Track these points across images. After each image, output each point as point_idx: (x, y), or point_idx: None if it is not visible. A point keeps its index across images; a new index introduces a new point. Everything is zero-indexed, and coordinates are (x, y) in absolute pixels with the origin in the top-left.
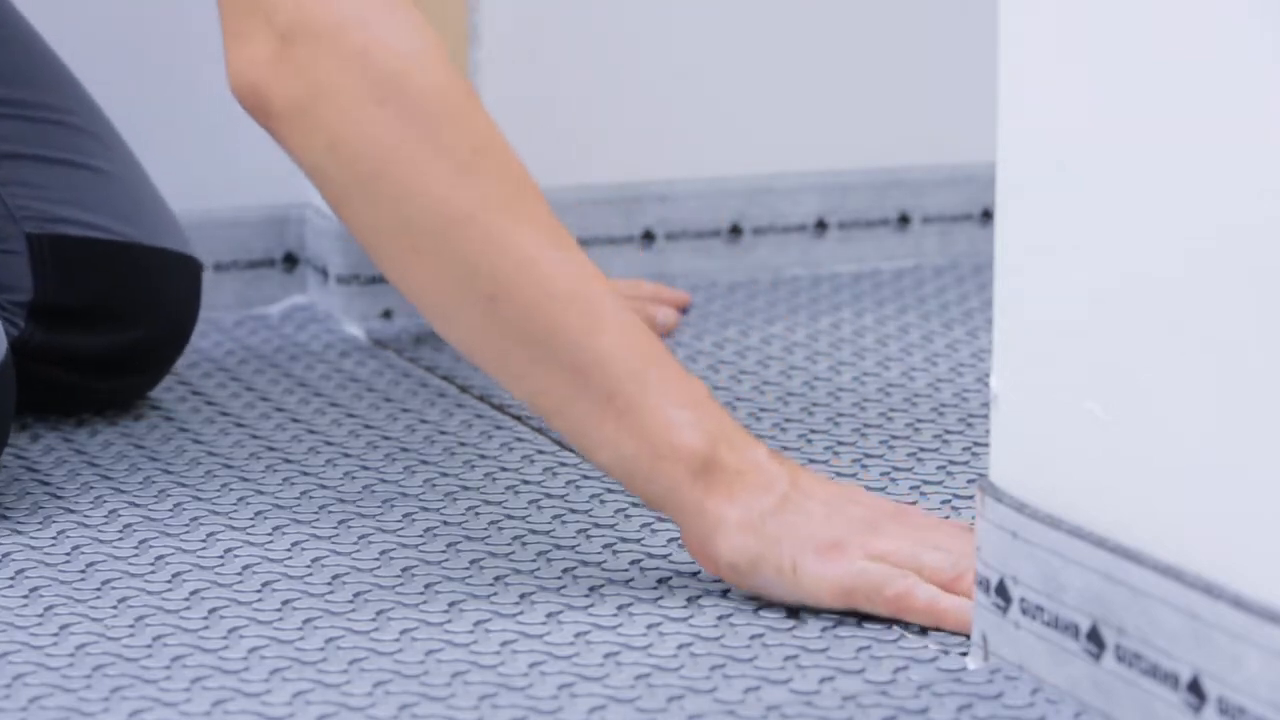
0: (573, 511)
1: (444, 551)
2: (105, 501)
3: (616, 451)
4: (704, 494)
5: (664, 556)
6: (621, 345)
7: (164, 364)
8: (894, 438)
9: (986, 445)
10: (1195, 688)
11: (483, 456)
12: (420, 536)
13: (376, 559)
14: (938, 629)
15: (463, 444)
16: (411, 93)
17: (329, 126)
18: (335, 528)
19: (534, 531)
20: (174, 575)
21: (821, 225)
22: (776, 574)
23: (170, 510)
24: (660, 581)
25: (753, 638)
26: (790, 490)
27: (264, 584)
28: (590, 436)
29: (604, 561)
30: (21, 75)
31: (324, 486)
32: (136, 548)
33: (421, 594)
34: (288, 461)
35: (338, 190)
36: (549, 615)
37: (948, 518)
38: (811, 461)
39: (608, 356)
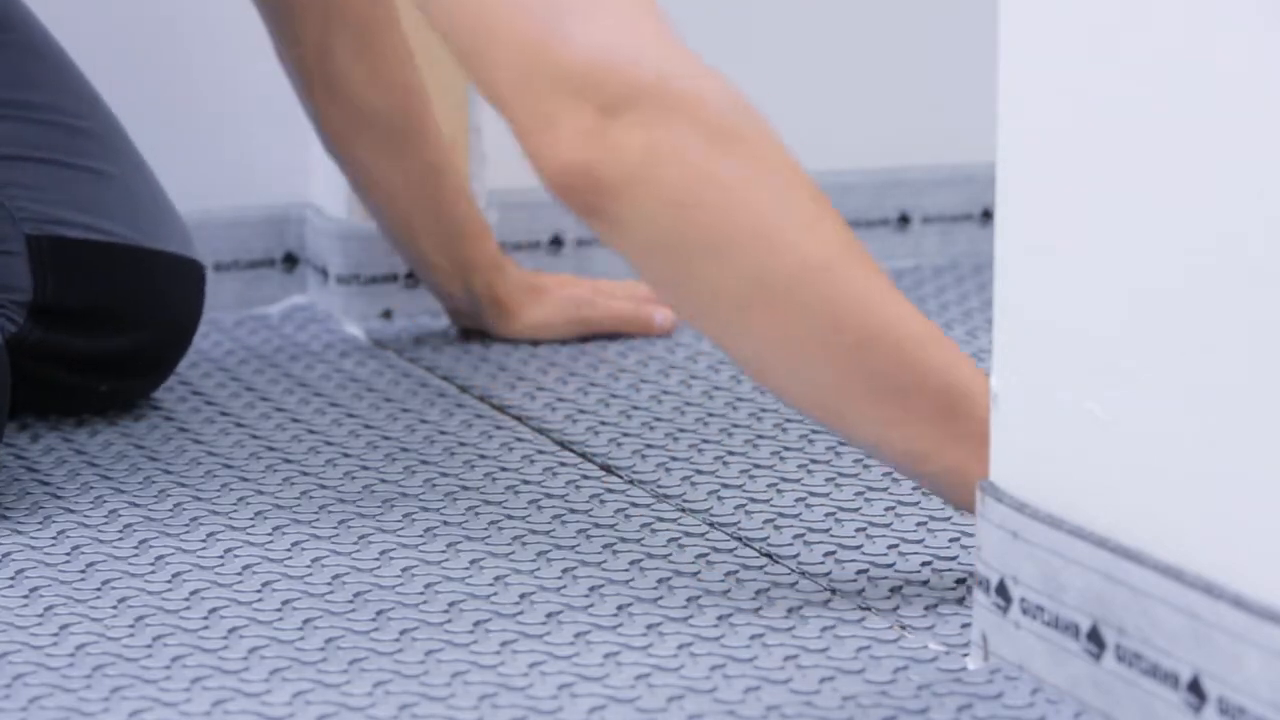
0: (573, 511)
1: (444, 551)
2: (105, 501)
3: (964, 472)
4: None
5: (664, 557)
6: (976, 374)
7: (165, 367)
8: None
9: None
10: (1195, 688)
11: (483, 456)
12: (420, 536)
13: (376, 559)
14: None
15: (463, 444)
16: (750, 139)
17: (674, 186)
18: (335, 528)
19: (534, 531)
20: (174, 575)
21: None
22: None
23: (170, 510)
24: (660, 581)
25: (753, 638)
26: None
27: (264, 584)
28: (968, 472)
29: (604, 561)
30: (28, 79)
31: (324, 486)
32: (136, 548)
33: (421, 594)
34: (288, 461)
35: (681, 256)
36: (549, 615)
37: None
38: (813, 462)
39: (976, 387)
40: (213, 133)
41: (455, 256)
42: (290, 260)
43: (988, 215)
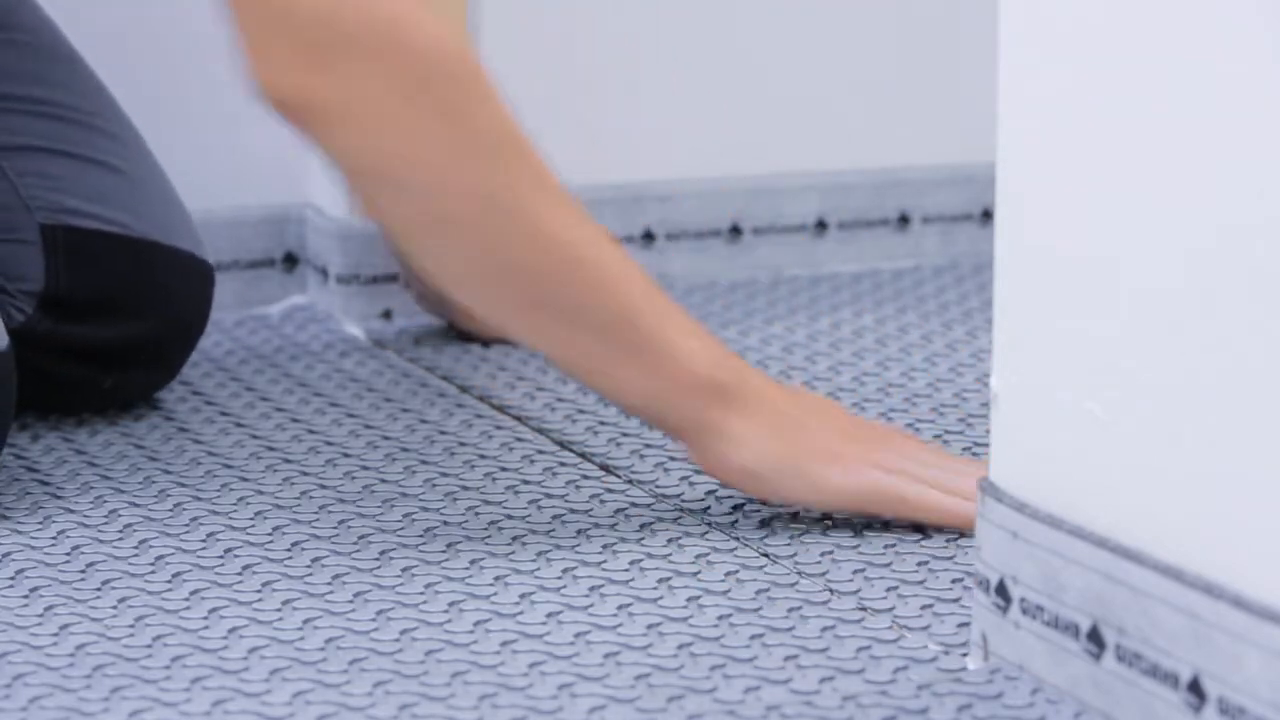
0: (572, 511)
1: (444, 551)
2: (105, 501)
3: (644, 393)
4: (723, 415)
5: (664, 557)
6: (642, 300)
7: (170, 362)
8: None
9: (986, 445)
10: (1195, 688)
11: (483, 456)
12: (420, 536)
13: (376, 559)
14: (952, 532)
15: (463, 444)
16: (438, 88)
17: (364, 127)
18: (335, 528)
19: (534, 531)
20: (174, 575)
21: (821, 225)
22: (795, 478)
23: (170, 510)
24: (660, 581)
25: (753, 638)
26: (792, 409)
27: (264, 584)
28: (622, 386)
29: (604, 561)
30: (42, 76)
31: (324, 486)
32: (136, 548)
33: (421, 594)
34: (288, 461)
35: (372, 187)
36: (549, 615)
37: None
38: None
39: (634, 313)
40: (213, 133)
41: None
42: (290, 260)
43: (988, 215)
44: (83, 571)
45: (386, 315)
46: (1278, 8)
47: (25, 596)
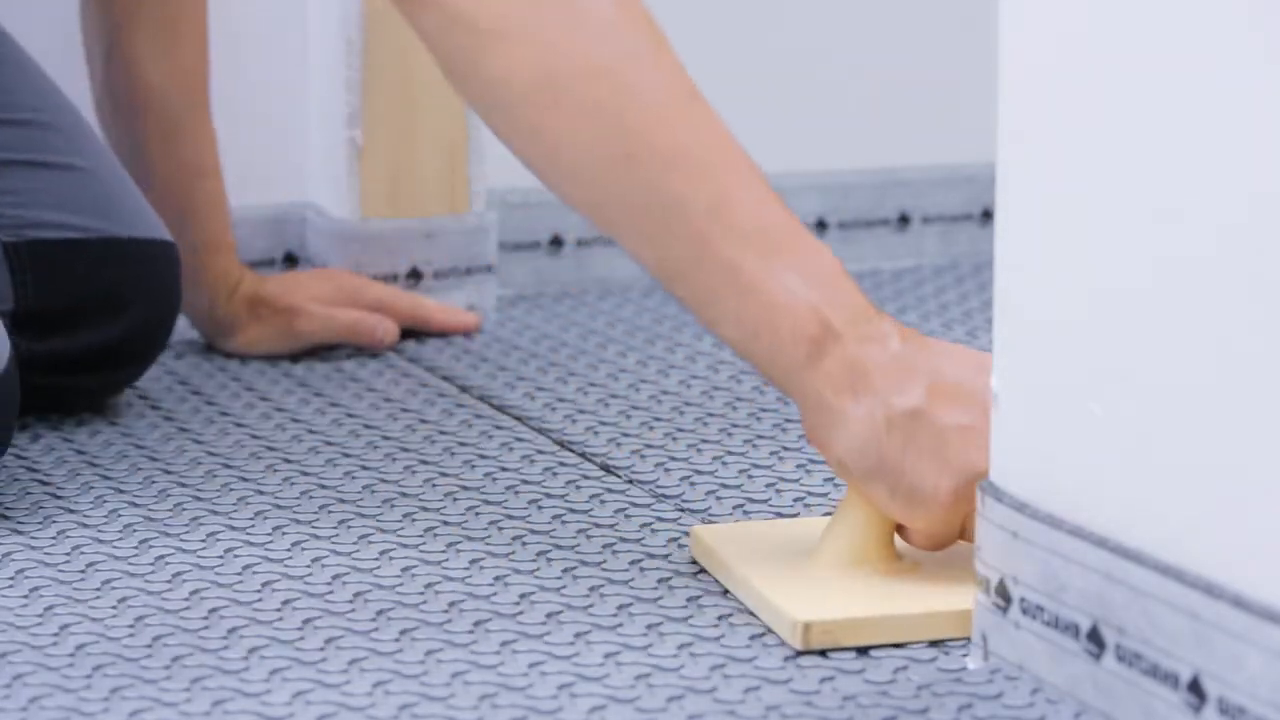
0: (573, 511)
1: (444, 551)
2: (105, 501)
3: (738, 328)
4: (824, 384)
5: (664, 557)
6: (753, 215)
7: (153, 351)
8: None
9: None
10: (1195, 688)
11: (483, 456)
12: (420, 536)
13: (376, 559)
14: None
15: (462, 444)
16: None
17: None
18: (335, 528)
19: (534, 531)
20: (174, 575)
21: (821, 225)
22: (889, 495)
23: (170, 510)
24: (660, 581)
25: (752, 638)
26: (921, 404)
27: (264, 584)
28: (712, 308)
29: (604, 561)
30: None
31: (324, 486)
32: (137, 548)
33: (421, 594)
34: (288, 461)
35: (474, 46)
36: (549, 615)
37: None
38: (811, 462)
39: (737, 226)
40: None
41: (190, 263)
42: (290, 260)
43: (988, 215)
44: (83, 571)
45: None
46: (1276, 9)
47: (25, 596)
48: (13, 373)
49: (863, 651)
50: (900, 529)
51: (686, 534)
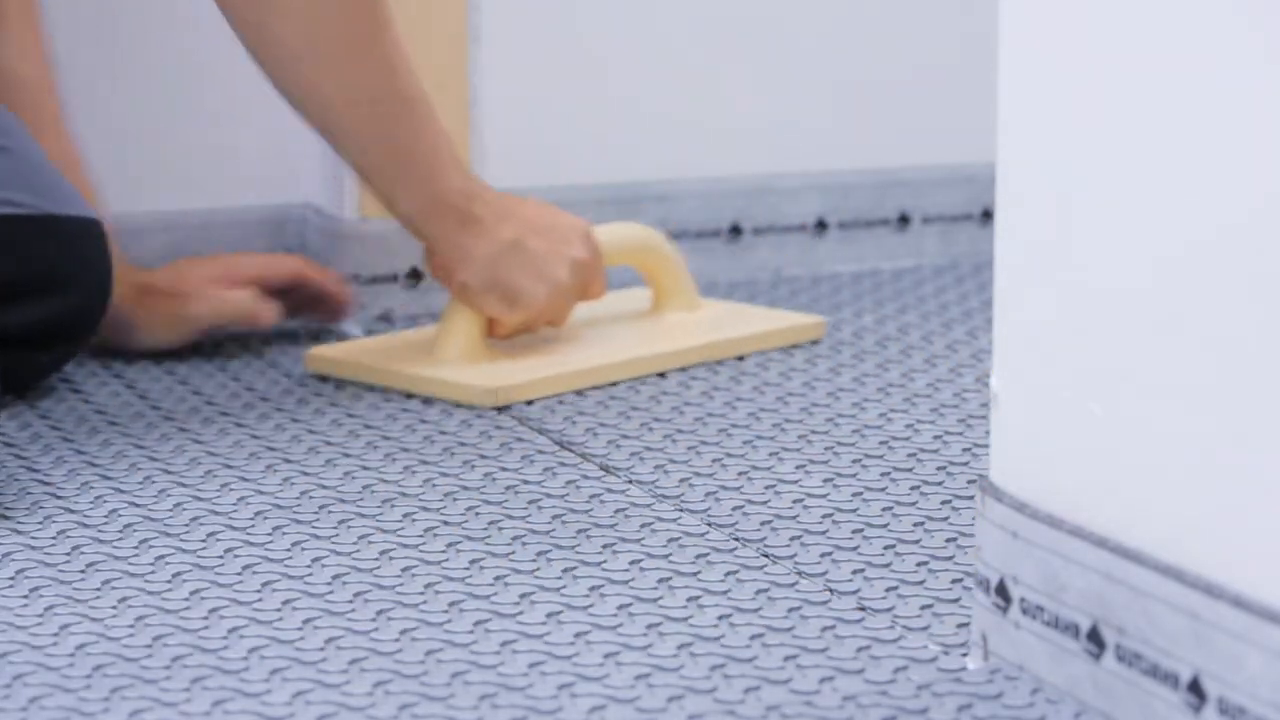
0: (572, 511)
1: (444, 551)
2: (105, 501)
3: (413, 207)
4: (463, 236)
5: (664, 557)
6: (438, 142)
7: (90, 328)
8: (894, 439)
9: (986, 445)
10: (1195, 688)
11: (482, 456)
12: (420, 536)
13: (376, 559)
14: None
15: (462, 444)
16: None
17: None
18: (335, 528)
19: (534, 531)
20: (174, 575)
21: (821, 225)
22: (498, 301)
23: (170, 510)
24: (660, 581)
25: (753, 638)
26: (519, 237)
27: (264, 584)
28: (399, 199)
29: (604, 561)
30: None
31: (324, 486)
32: (137, 547)
33: (421, 594)
34: (288, 461)
35: (271, 19)
36: (549, 615)
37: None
38: (811, 462)
39: (430, 150)
40: (213, 133)
41: None
42: None
43: (988, 215)
44: (83, 571)
45: (386, 316)
46: (1276, 8)
47: (25, 596)
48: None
49: (863, 649)
50: (491, 324)
51: (687, 534)
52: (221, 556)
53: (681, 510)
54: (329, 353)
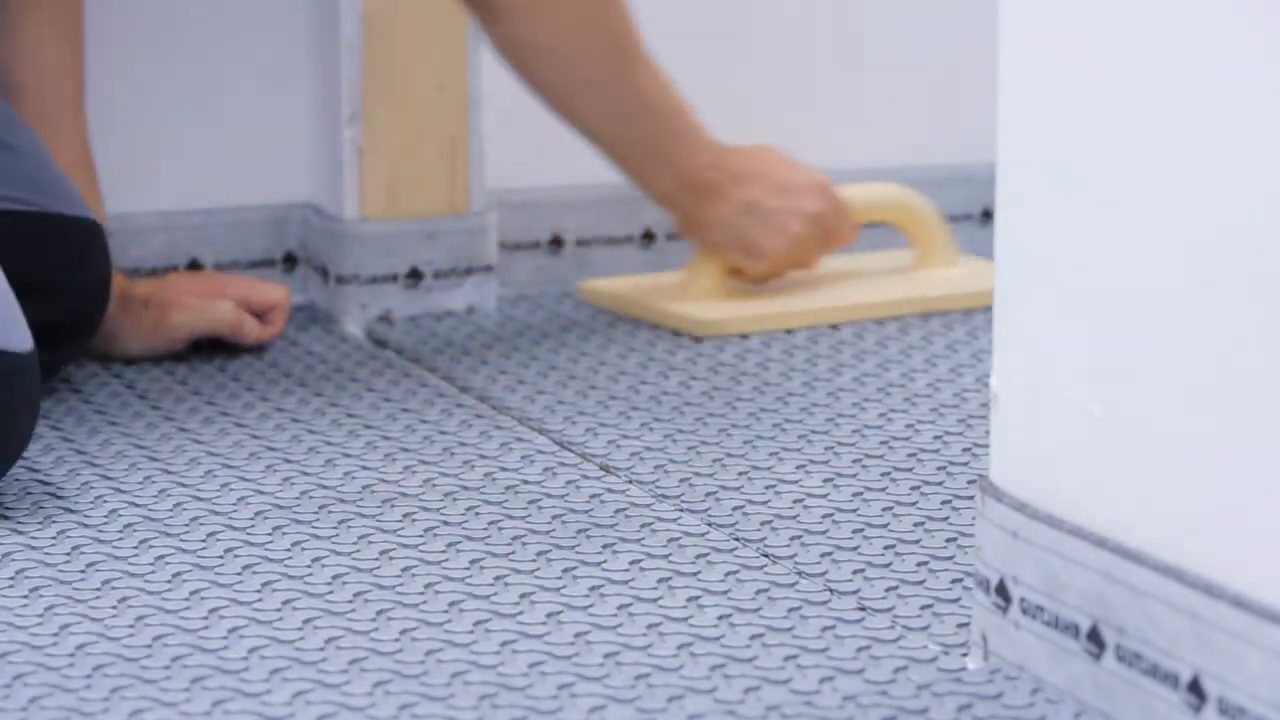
0: (572, 511)
1: (444, 551)
2: (105, 501)
3: (664, 189)
4: (706, 206)
5: (664, 557)
6: (683, 127)
7: (91, 329)
8: (894, 439)
9: (986, 445)
10: (1195, 688)
11: (482, 456)
12: (420, 536)
13: (376, 559)
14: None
15: (462, 444)
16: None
17: (552, 21)
18: (335, 528)
19: (534, 531)
20: (174, 575)
21: None
22: (743, 254)
23: (170, 510)
24: (660, 581)
25: (753, 638)
26: (755, 197)
27: (264, 584)
28: (653, 185)
29: (604, 561)
30: None
31: (324, 486)
32: (136, 548)
33: (421, 594)
34: (288, 461)
35: (543, 56)
36: (549, 615)
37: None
38: (811, 462)
39: (677, 141)
40: (213, 133)
41: None
42: (290, 260)
43: (988, 215)
44: (83, 571)
45: (386, 315)
46: (1276, 8)
47: (25, 596)
48: (34, 360)
49: (863, 649)
50: (737, 272)
51: (687, 534)
52: (221, 556)
53: (681, 510)
54: (601, 285)
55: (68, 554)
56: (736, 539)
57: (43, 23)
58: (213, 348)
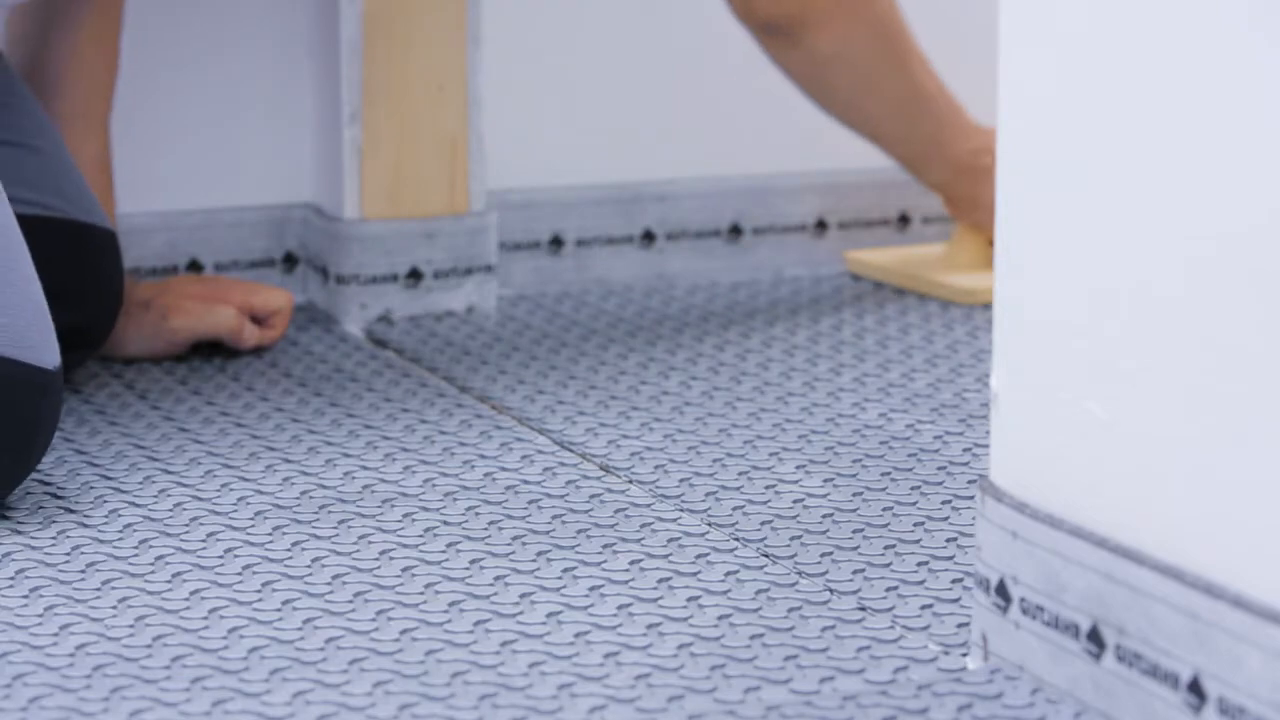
0: (572, 511)
1: (444, 551)
2: (105, 501)
3: (940, 177)
4: (975, 188)
5: (664, 557)
6: (952, 119)
7: (101, 337)
8: (894, 439)
9: (986, 445)
10: (1195, 688)
11: (482, 456)
12: (420, 536)
13: (376, 559)
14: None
15: (462, 444)
16: (879, 11)
17: (843, 27)
18: (335, 528)
19: (534, 531)
20: (174, 575)
21: (821, 225)
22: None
23: (170, 510)
24: (660, 581)
25: (753, 638)
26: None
27: (264, 584)
28: (929, 173)
29: (604, 561)
30: None
31: (324, 486)
32: (136, 548)
33: (421, 594)
34: (288, 461)
35: (825, 69)
36: (549, 615)
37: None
38: (811, 462)
39: (948, 130)
40: (213, 133)
41: None
42: (290, 260)
43: None
44: (83, 571)
45: (386, 316)
46: (1276, 8)
47: (25, 596)
48: (59, 376)
49: (863, 649)
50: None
51: (687, 534)
52: (221, 556)
53: (681, 510)
54: (868, 256)
55: (68, 554)
56: (736, 539)
57: (84, 26)
58: (212, 349)
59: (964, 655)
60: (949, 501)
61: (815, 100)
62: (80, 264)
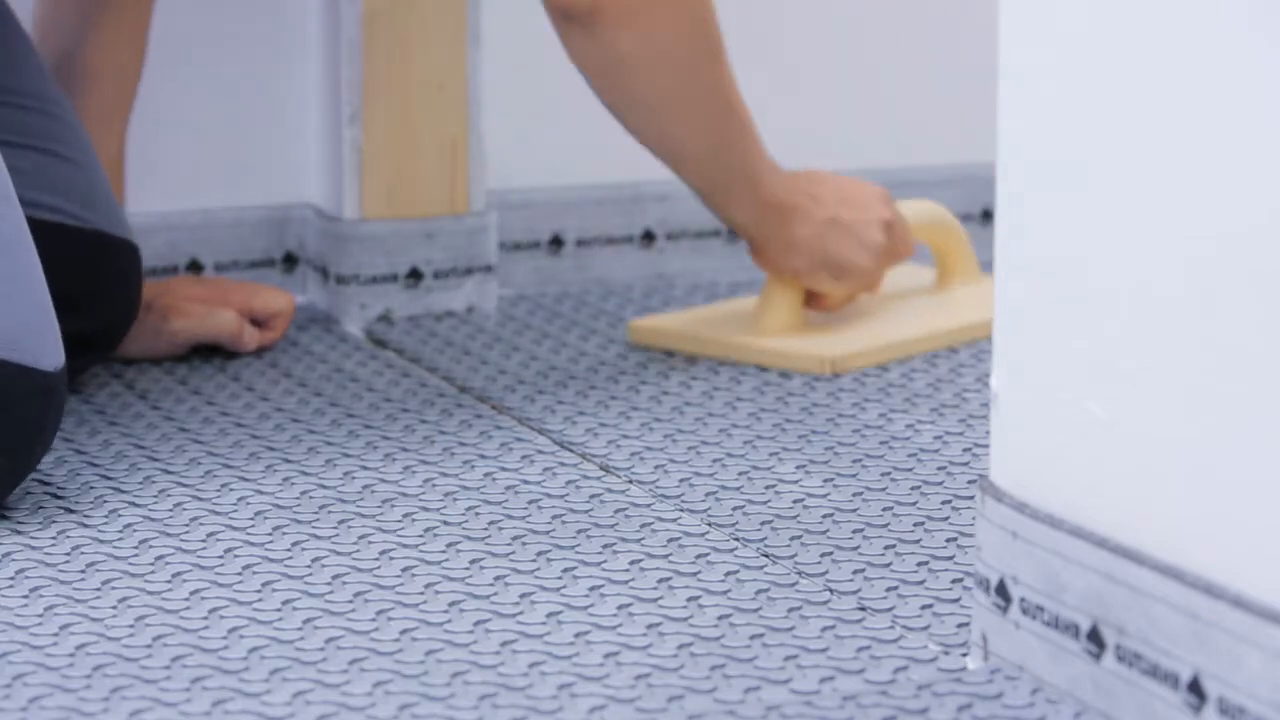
0: (572, 511)
1: (444, 551)
2: (105, 501)
3: (747, 216)
4: (788, 228)
5: (664, 557)
6: (760, 151)
7: (111, 346)
8: (894, 439)
9: (986, 445)
10: (1195, 688)
11: (482, 456)
12: (420, 536)
13: (376, 559)
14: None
15: (462, 444)
16: (694, 13)
17: (646, 27)
18: (335, 528)
19: (534, 531)
20: (174, 575)
21: None
22: (829, 277)
23: (170, 510)
24: (660, 581)
25: (753, 638)
26: (835, 214)
27: (264, 584)
28: (734, 210)
29: (604, 561)
30: (7, 63)
31: (324, 486)
32: (137, 548)
33: (421, 594)
34: (288, 461)
35: (623, 71)
36: (549, 615)
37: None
38: (811, 462)
39: (755, 164)
40: (213, 133)
41: None
42: (290, 260)
43: (988, 215)
44: (83, 571)
45: (386, 315)
46: (1276, 8)
47: (25, 596)
48: (63, 379)
49: (863, 649)
50: (814, 298)
51: (687, 534)
52: (221, 556)
53: (681, 510)
54: (652, 324)
55: (68, 554)
56: (736, 539)
57: (117, 24)
58: (213, 349)
59: (964, 655)
60: (949, 501)
61: (611, 107)
62: (101, 275)
